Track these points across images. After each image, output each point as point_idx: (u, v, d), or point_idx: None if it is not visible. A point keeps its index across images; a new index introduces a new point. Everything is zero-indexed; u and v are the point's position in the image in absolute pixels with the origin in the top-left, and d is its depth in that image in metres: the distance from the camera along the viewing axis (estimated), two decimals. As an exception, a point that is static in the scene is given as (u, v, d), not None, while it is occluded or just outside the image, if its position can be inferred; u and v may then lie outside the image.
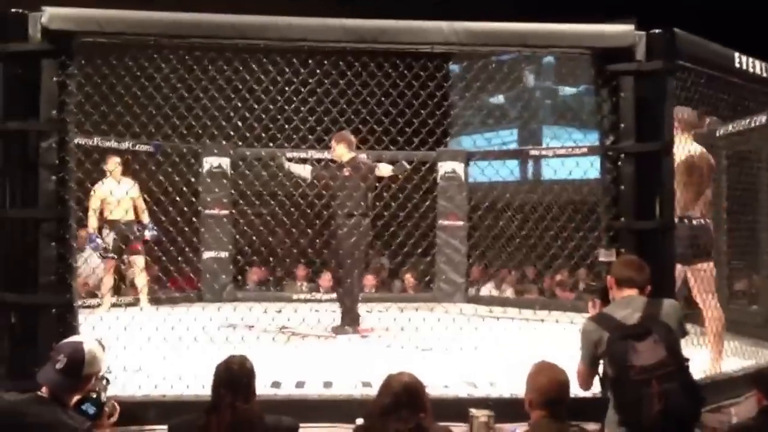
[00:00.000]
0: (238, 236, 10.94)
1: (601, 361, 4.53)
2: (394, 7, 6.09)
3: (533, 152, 11.17)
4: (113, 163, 9.72)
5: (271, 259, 11.09)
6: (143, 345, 6.07)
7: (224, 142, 10.78)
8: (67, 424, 4.10)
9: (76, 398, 4.33)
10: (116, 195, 9.34)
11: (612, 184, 5.38)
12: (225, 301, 10.52)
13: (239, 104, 7.22)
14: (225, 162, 11.37)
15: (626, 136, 5.32)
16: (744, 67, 6.15)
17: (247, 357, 4.31)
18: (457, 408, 5.00)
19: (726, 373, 6.03)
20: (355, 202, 8.23)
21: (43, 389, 4.21)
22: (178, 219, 8.50)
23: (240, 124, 7.17)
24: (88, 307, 8.81)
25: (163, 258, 9.21)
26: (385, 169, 8.37)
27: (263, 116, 7.14)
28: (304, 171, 8.76)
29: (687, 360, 4.36)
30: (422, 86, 6.49)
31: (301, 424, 4.49)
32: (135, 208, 9.97)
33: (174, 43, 5.50)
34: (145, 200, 10.02)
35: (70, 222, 5.13)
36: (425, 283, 11.81)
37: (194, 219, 9.95)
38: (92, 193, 9.44)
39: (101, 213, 9.65)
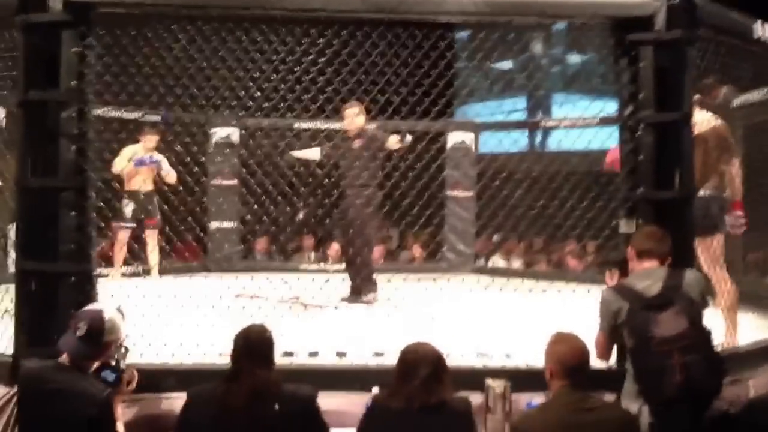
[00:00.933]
0: (245, 206, 10.98)
1: (621, 332, 4.54)
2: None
3: (544, 123, 11.12)
4: (148, 137, 9.58)
5: (277, 229, 11.15)
6: (159, 313, 6.08)
7: (231, 113, 10.75)
8: (87, 390, 4.13)
9: (95, 365, 4.36)
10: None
11: (631, 154, 5.37)
12: (231, 271, 10.54)
13: (250, 75, 7.22)
14: (233, 132, 11.35)
15: (645, 106, 5.30)
16: (764, 36, 6.12)
17: (266, 326, 4.32)
18: (473, 378, 4.99)
19: (743, 345, 6.04)
20: (371, 173, 8.19)
21: (64, 356, 4.25)
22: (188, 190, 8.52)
23: (245, 94, 7.15)
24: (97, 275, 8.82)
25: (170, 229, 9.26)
26: (392, 141, 8.22)
27: (269, 86, 7.13)
28: (313, 153, 8.71)
29: (709, 332, 4.36)
30: (429, 56, 6.48)
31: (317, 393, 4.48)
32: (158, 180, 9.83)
33: (192, 13, 5.49)
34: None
35: (89, 192, 5.15)
36: (433, 254, 11.84)
37: (200, 190, 10.00)
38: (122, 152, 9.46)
39: (121, 183, 9.60)
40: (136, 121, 10.04)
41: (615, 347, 4.71)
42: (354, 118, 8.20)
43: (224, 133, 11.24)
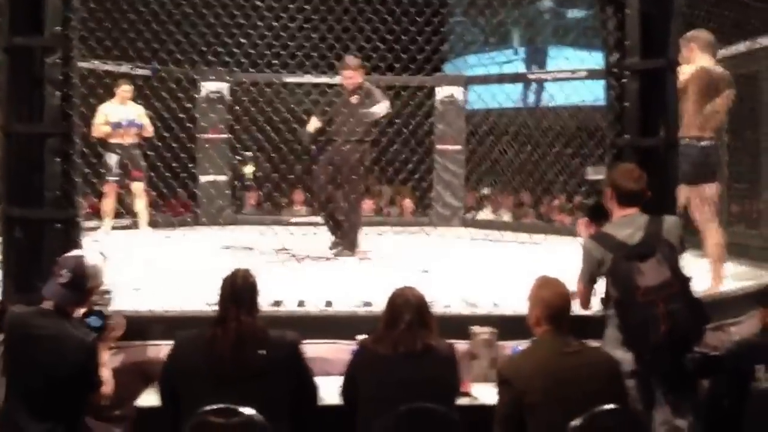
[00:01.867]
0: (236, 160, 11.00)
1: (602, 280, 4.56)
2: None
3: (532, 76, 11.10)
4: (123, 89, 9.63)
5: (267, 183, 11.16)
6: (145, 263, 6.09)
7: (222, 68, 10.72)
8: (73, 335, 4.18)
9: (81, 311, 4.38)
10: (117, 117, 9.41)
11: (616, 102, 5.35)
12: (222, 224, 10.56)
13: (237, 29, 7.19)
14: (223, 87, 11.32)
15: (631, 53, 5.27)
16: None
17: (251, 271, 4.32)
18: (459, 325, 5.05)
19: (726, 292, 6.10)
20: (366, 128, 8.15)
21: (49, 302, 4.26)
22: (175, 144, 8.49)
23: (238, 49, 7.11)
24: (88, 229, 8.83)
25: (160, 183, 9.24)
26: (379, 110, 8.11)
27: (260, 41, 7.09)
28: (313, 124, 8.56)
29: (690, 278, 4.39)
30: (419, 11, 6.45)
31: (303, 341, 4.48)
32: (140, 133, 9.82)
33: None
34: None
35: (75, 138, 5.11)
36: (422, 208, 11.85)
37: (191, 144, 9.98)
38: (98, 110, 9.45)
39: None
40: (126, 74, 10.02)
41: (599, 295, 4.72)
42: (353, 73, 8.10)
43: (214, 87, 11.21)
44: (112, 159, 9.57)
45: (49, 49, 4.99)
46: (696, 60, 6.46)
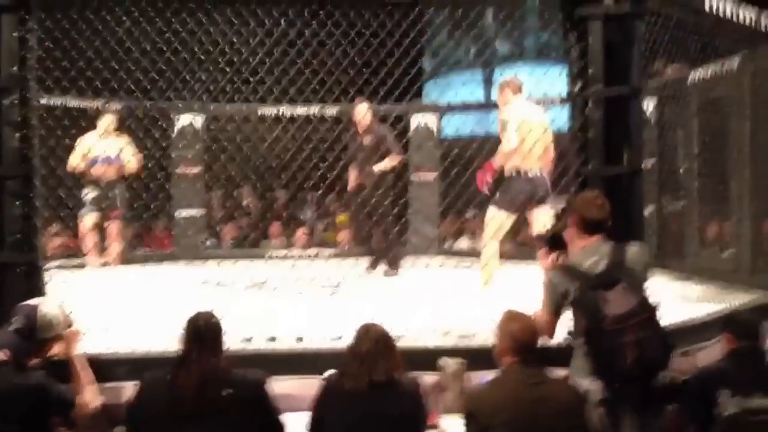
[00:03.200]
0: (211, 195, 10.96)
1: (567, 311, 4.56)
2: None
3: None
4: (105, 120, 9.38)
5: (245, 217, 11.13)
6: (116, 304, 6.04)
7: (195, 100, 10.68)
8: (21, 385, 4.11)
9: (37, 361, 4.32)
10: (96, 152, 9.20)
11: (580, 131, 5.36)
12: (199, 259, 10.51)
13: (208, 60, 7.17)
14: (197, 120, 11.27)
15: (594, 81, 5.28)
16: (714, 9, 6.13)
17: (214, 313, 4.30)
18: (428, 358, 5.04)
19: (694, 318, 6.07)
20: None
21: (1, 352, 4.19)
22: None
23: (207, 79, 7.09)
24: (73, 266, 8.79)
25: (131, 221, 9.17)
26: (387, 165, 8.97)
27: (232, 71, 7.07)
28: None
29: (655, 306, 4.38)
30: (393, 39, 6.45)
31: (272, 377, 4.50)
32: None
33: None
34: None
35: (35, 181, 5.08)
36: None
37: (165, 178, 9.93)
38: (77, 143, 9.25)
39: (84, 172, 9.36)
40: (97, 110, 9.92)
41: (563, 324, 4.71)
42: (361, 117, 8.89)
43: (187, 120, 11.16)
44: (87, 195, 9.30)
45: (5, 90, 4.96)
46: (511, 102, 7.24)
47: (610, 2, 5.30)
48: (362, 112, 8.94)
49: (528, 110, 7.31)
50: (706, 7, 6.06)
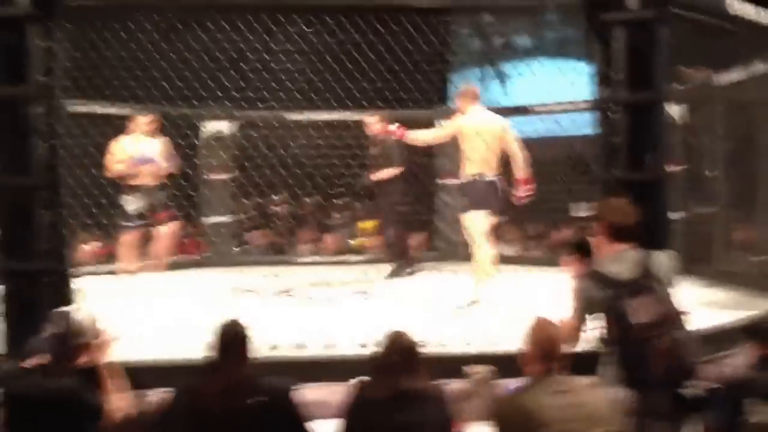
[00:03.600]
0: (242, 200, 11.02)
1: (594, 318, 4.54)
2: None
3: (534, 108, 11.07)
4: (140, 121, 8.61)
5: (274, 223, 11.18)
6: (148, 309, 6.08)
7: (225, 106, 10.70)
8: (53, 390, 4.14)
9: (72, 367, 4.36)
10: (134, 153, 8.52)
11: (605, 136, 5.37)
12: (228, 265, 10.54)
13: (241, 67, 7.22)
14: (226, 126, 11.30)
15: (619, 87, 5.29)
16: (738, 12, 6.11)
17: (240, 320, 4.33)
18: (455, 365, 5.04)
19: (721, 324, 6.03)
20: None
21: (35, 358, 4.24)
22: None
23: (241, 86, 7.13)
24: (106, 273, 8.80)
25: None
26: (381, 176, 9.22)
27: (264, 79, 7.11)
28: None
29: (682, 312, 4.36)
30: (422, 46, 6.48)
31: (299, 385, 4.47)
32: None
33: (164, 4, 5.49)
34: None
35: (61, 189, 5.14)
36: (426, 244, 11.85)
37: (193, 185, 9.97)
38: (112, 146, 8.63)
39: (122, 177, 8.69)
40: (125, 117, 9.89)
41: (594, 332, 4.69)
42: (369, 128, 9.27)
43: (216, 126, 11.21)
44: (130, 204, 8.55)
45: (32, 99, 5.03)
46: (467, 110, 7.31)
47: (634, 7, 5.31)
48: (370, 123, 9.25)
49: (481, 118, 7.35)
50: (731, 11, 6.04)
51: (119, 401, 4.49)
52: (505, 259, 10.72)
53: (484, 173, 7.29)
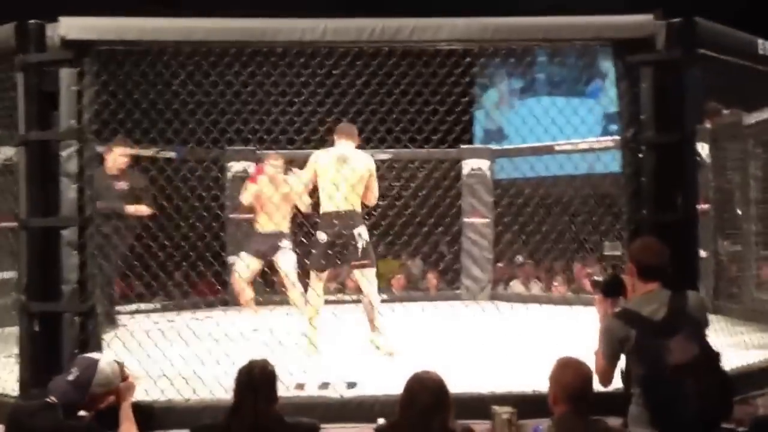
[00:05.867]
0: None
1: (624, 357, 4.49)
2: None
3: (557, 147, 11.13)
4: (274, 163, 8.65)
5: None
6: (168, 350, 6.09)
7: (247, 147, 10.79)
8: (72, 427, 4.23)
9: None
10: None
11: (633, 176, 5.34)
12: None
13: (260, 107, 7.27)
14: (249, 166, 11.38)
15: (647, 127, 5.28)
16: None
17: (269, 361, 4.36)
18: (480, 405, 5.02)
19: (752, 364, 5.98)
20: None
21: (53, 397, 4.29)
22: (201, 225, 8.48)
23: (261, 126, 7.17)
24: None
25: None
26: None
27: (284, 118, 7.15)
28: None
29: (718, 354, 4.34)
30: (445, 84, 6.50)
31: (323, 425, 4.55)
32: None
33: (191, 48, 5.56)
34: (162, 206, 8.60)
35: (90, 230, 5.18)
36: (449, 283, 11.86)
37: (219, 225, 10.02)
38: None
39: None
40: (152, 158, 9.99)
41: (621, 372, 4.65)
42: None
43: (240, 167, 11.30)
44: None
45: (64, 142, 5.09)
46: (337, 145, 7.32)
47: (661, 48, 5.32)
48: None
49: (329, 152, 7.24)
50: (760, 51, 6.05)
51: None
52: (529, 298, 10.82)
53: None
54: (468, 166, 11.69)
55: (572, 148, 10.75)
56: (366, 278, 7.37)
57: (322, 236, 7.23)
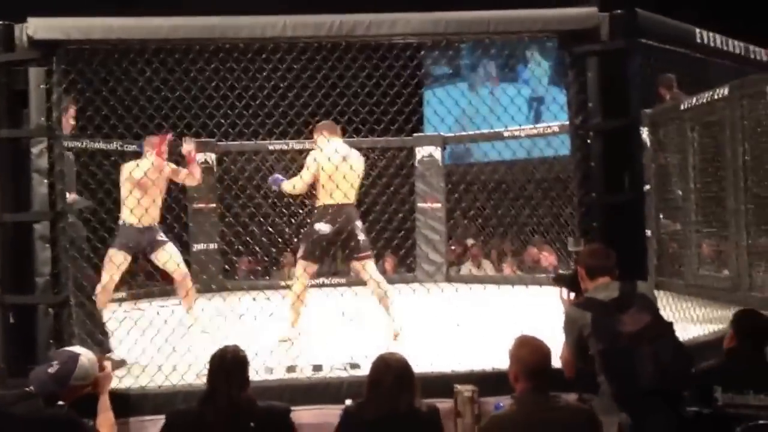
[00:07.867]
0: (224, 229, 11.23)
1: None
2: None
3: (506, 134, 11.33)
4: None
5: (257, 249, 11.34)
6: (138, 338, 6.17)
7: (209, 139, 10.89)
8: (51, 416, 4.29)
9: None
10: None
11: (582, 161, 5.53)
12: (215, 291, 10.65)
13: (222, 101, 7.34)
14: (211, 157, 11.61)
15: (594, 114, 5.47)
16: (705, 41, 6.35)
17: (240, 347, 4.44)
18: (443, 384, 5.18)
19: (697, 337, 6.19)
20: None
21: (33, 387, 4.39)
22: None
23: (223, 120, 7.24)
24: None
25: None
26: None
27: (246, 111, 7.23)
28: None
29: (671, 323, 4.52)
30: (398, 77, 6.61)
31: (292, 408, 4.61)
32: None
33: (157, 45, 5.67)
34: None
35: (62, 224, 5.26)
36: (407, 266, 12.07)
37: (182, 214, 10.12)
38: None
39: None
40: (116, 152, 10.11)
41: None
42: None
43: (201, 157, 11.38)
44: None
45: (34, 139, 5.18)
46: (324, 144, 7.38)
47: (606, 39, 5.51)
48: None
49: (331, 151, 7.26)
50: (698, 40, 6.28)
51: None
52: (483, 279, 11.00)
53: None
54: (420, 152, 11.99)
55: (520, 134, 11.02)
56: (370, 268, 7.52)
57: (324, 228, 7.30)
